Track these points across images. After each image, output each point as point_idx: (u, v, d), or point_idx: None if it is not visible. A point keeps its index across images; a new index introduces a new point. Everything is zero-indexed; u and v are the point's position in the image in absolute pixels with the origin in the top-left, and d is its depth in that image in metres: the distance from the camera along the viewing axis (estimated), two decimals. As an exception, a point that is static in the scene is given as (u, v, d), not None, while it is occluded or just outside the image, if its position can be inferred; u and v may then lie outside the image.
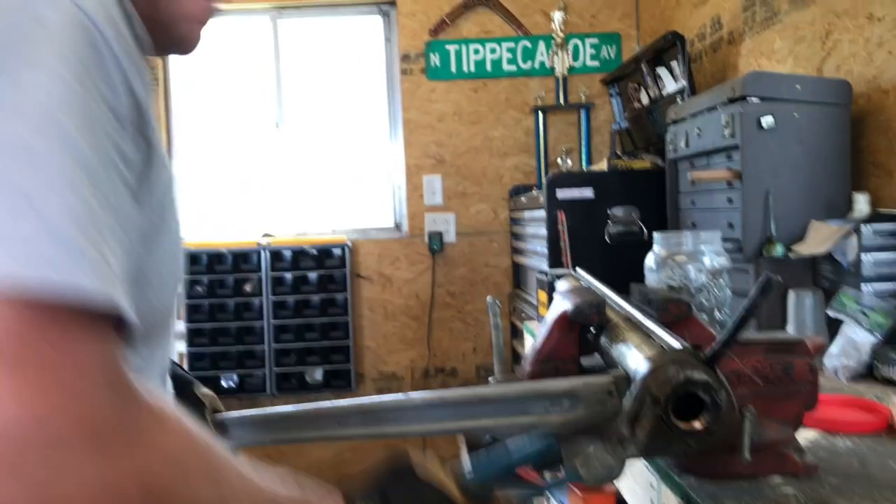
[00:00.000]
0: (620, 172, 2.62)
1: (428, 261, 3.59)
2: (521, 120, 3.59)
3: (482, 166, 3.60)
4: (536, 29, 3.58)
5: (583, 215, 2.54)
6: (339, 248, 3.50)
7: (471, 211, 3.60)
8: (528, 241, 3.12)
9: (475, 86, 3.60)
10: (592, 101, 3.56)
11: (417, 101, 3.59)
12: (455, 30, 3.59)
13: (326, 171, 3.79)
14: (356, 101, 3.77)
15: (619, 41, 3.59)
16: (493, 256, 3.60)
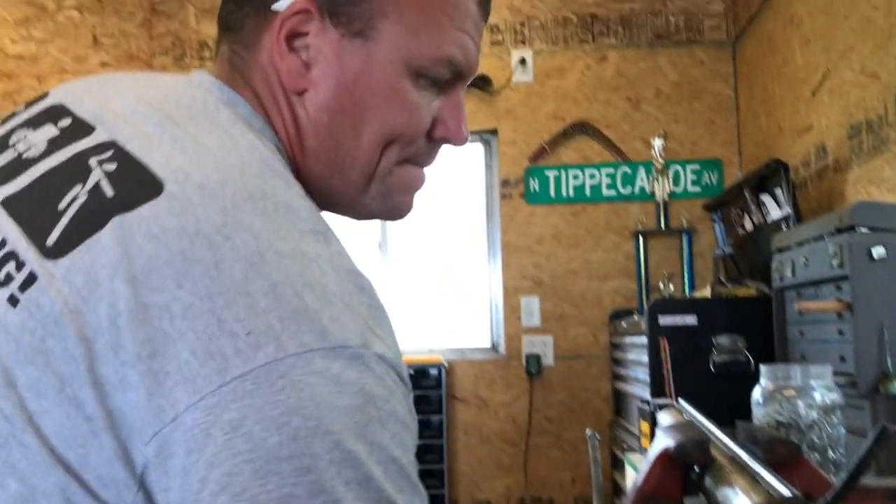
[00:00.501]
0: (725, 300, 2.57)
1: (525, 384, 3.55)
2: (621, 244, 3.59)
3: (581, 289, 3.58)
4: (636, 155, 3.61)
5: (686, 343, 2.48)
6: (435, 369, 3.51)
7: (569, 334, 3.56)
8: (628, 367, 3.05)
9: (574, 210, 3.63)
10: (694, 226, 3.53)
11: (516, 224, 3.65)
12: (554, 156, 3.66)
13: (425, 290, 3.85)
14: (456, 222, 3.86)
15: (720, 167, 3.58)
16: (593, 381, 3.53)
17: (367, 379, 0.53)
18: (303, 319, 0.53)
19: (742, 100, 3.54)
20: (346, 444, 0.51)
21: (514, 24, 3.72)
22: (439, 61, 0.70)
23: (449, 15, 0.70)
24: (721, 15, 3.64)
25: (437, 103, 0.73)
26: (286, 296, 0.53)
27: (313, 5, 0.67)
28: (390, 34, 0.68)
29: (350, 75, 0.68)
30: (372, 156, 0.71)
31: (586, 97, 3.67)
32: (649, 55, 3.66)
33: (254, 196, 0.58)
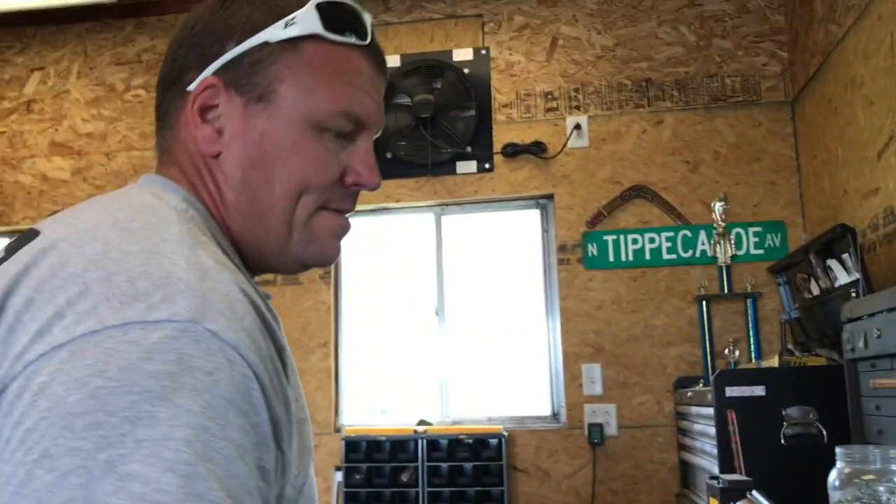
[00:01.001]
0: (794, 369, 2.48)
1: (588, 454, 3.46)
2: (684, 309, 3.51)
3: (644, 356, 3.51)
4: (696, 218, 3.56)
5: (754, 415, 2.40)
6: (494, 439, 3.45)
7: (633, 402, 3.48)
8: (695, 437, 2.96)
9: (634, 274, 3.58)
10: (759, 290, 3.44)
11: (575, 289, 3.61)
12: (612, 220, 3.63)
13: (483, 358, 3.81)
14: (513, 288, 3.84)
15: (783, 229, 3.50)
16: (658, 452, 3.43)
17: (190, 349, 0.57)
18: (129, 299, 0.58)
19: (803, 160, 3.48)
20: (145, 405, 0.53)
21: (568, 90, 3.74)
22: (336, 114, 0.79)
23: (340, 74, 0.80)
24: (778, 75, 3.61)
25: (346, 153, 0.82)
26: (118, 282, 0.59)
27: (219, 80, 0.78)
28: (288, 96, 0.78)
29: (256, 134, 0.78)
30: (286, 204, 0.79)
31: (643, 160, 3.64)
32: (706, 117, 3.64)
33: (118, 221, 0.67)
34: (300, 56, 0.79)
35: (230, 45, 0.79)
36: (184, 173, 0.81)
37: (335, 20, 0.80)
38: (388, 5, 3.95)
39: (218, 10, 0.81)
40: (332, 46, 0.80)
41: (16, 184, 4.05)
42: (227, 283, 0.64)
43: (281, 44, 0.78)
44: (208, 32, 0.80)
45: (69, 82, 4.12)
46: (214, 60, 0.79)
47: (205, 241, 0.69)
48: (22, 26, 4.18)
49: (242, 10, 0.80)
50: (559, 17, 3.82)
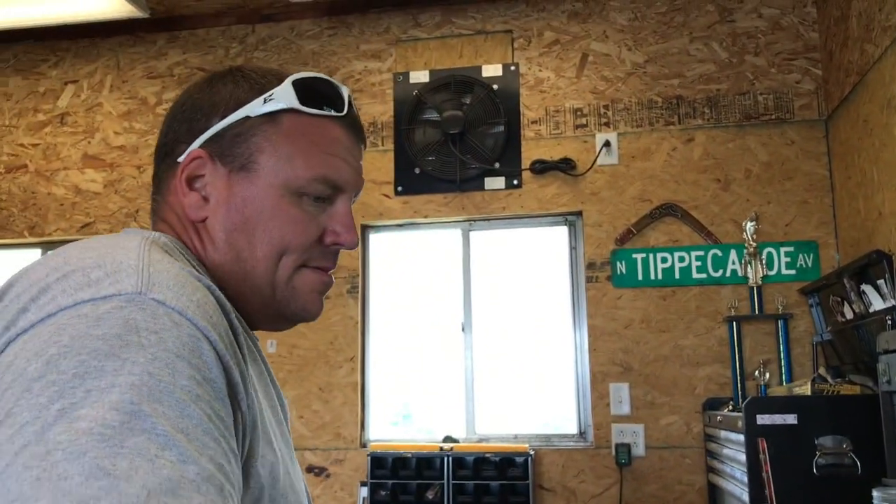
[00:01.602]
0: (827, 398, 2.45)
1: (615, 475, 3.43)
2: (714, 329, 3.48)
3: (672, 376, 3.48)
4: (727, 238, 3.52)
5: (786, 443, 2.37)
6: (521, 457, 3.43)
7: (661, 423, 3.45)
8: (725, 461, 2.93)
9: (664, 293, 3.55)
10: (790, 311, 3.40)
11: (603, 307, 3.58)
12: (641, 238, 3.60)
13: (510, 374, 3.80)
14: (540, 305, 3.82)
15: (816, 249, 3.46)
16: (686, 473, 3.39)
17: (136, 315, 0.62)
18: (83, 284, 0.64)
19: (837, 180, 3.43)
20: (93, 361, 0.58)
21: (598, 106, 3.72)
22: (313, 180, 0.86)
23: (316, 143, 0.87)
24: (812, 94, 3.56)
25: (325, 215, 0.88)
26: (74, 276, 0.66)
27: (205, 152, 0.86)
28: (268, 164, 0.85)
29: (239, 200, 0.85)
30: (268, 264, 0.85)
31: (673, 178, 3.61)
32: (738, 135, 3.60)
33: (83, 244, 0.73)
34: (278, 128, 0.86)
35: (215, 119, 0.86)
36: (173, 230, 0.88)
37: (311, 94, 0.88)
38: (418, 21, 3.95)
39: (205, 89, 0.89)
40: (308, 118, 0.87)
41: (49, 195, 4.10)
42: (179, 269, 0.70)
43: (261, 117, 0.86)
44: (196, 109, 0.88)
45: (102, 95, 4.17)
46: (201, 134, 0.86)
47: (164, 254, 0.75)
48: (56, 40, 4.23)
49: (227, 88, 0.88)
50: (589, 33, 3.80)
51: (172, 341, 0.61)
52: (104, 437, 0.54)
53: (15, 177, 4.15)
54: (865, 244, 3.04)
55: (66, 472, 0.52)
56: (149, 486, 0.52)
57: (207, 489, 0.55)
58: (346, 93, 0.91)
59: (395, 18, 3.98)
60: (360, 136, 0.93)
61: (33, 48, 4.28)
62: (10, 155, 4.18)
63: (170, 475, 0.54)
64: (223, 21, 4.10)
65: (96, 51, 4.22)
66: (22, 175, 4.15)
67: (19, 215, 4.11)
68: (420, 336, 3.93)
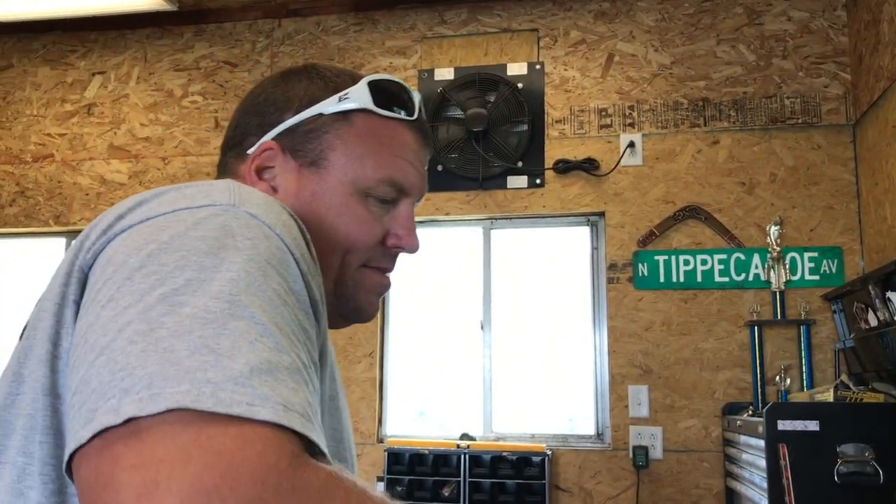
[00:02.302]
0: (849, 405, 2.43)
1: (632, 477, 3.42)
2: (735, 333, 3.46)
3: (692, 379, 3.46)
4: (750, 242, 3.50)
5: (807, 450, 2.35)
6: (538, 457, 3.43)
7: (679, 426, 3.43)
8: (743, 467, 2.91)
9: (685, 296, 3.53)
10: (812, 317, 3.38)
11: (624, 309, 3.57)
12: (664, 240, 3.58)
13: (528, 373, 3.80)
14: (560, 305, 3.82)
15: (840, 255, 3.43)
16: (704, 478, 3.38)
17: (231, 222, 0.64)
18: (178, 198, 0.68)
19: (863, 186, 3.40)
20: (192, 257, 0.60)
21: (623, 107, 3.71)
22: (381, 181, 0.88)
23: (386, 145, 0.88)
24: (840, 98, 3.53)
25: (388, 217, 0.90)
26: (169, 192, 0.69)
27: (276, 145, 0.88)
28: (338, 162, 0.87)
29: (307, 194, 0.87)
30: (332, 260, 0.86)
31: (697, 181, 3.60)
32: (763, 138, 3.57)
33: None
34: (351, 127, 0.88)
35: (288, 114, 0.89)
36: None
37: (385, 96, 0.89)
38: (444, 18, 3.95)
39: (280, 84, 0.92)
40: (380, 120, 0.89)
41: (75, 185, 4.14)
42: (266, 195, 0.72)
43: (334, 115, 0.88)
44: (269, 103, 0.90)
45: (129, 87, 4.20)
46: (273, 127, 0.88)
47: None
48: (85, 31, 4.27)
49: (301, 84, 0.90)
50: (616, 33, 3.78)
51: (264, 249, 0.63)
52: (207, 320, 0.56)
53: (42, 166, 4.19)
54: (891, 251, 3.01)
55: (171, 346, 0.54)
56: (251, 364, 0.54)
57: (297, 380, 0.57)
58: (418, 98, 0.92)
59: (421, 15, 3.98)
60: (427, 142, 0.95)
61: (62, 39, 4.31)
62: (37, 144, 4.22)
63: (269, 357, 0.56)
64: (250, 15, 4.12)
65: (124, 42, 4.25)
66: (48, 164, 4.19)
67: (45, 204, 4.15)
68: (439, 333, 3.94)
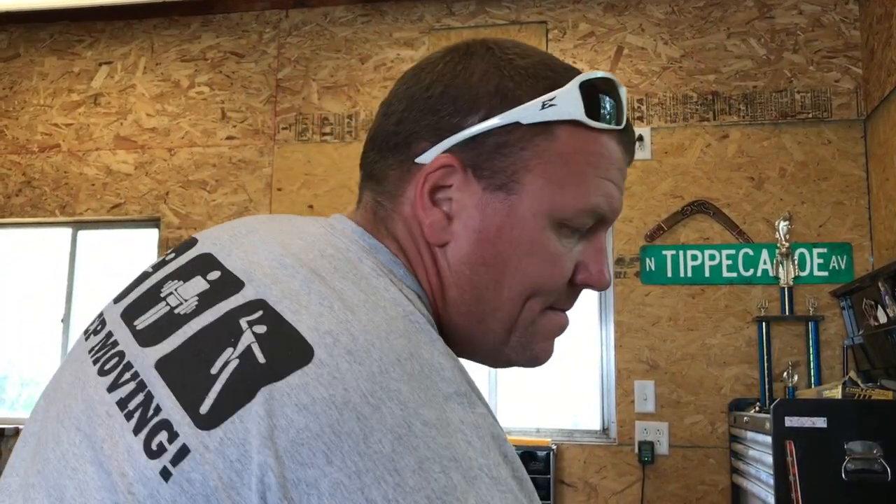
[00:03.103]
0: (858, 402, 2.41)
1: (638, 472, 3.41)
2: (742, 329, 3.43)
3: (699, 375, 3.44)
4: (759, 237, 3.47)
5: (814, 447, 2.33)
6: (543, 451, 3.42)
7: (685, 422, 3.42)
8: (750, 463, 2.89)
9: (693, 291, 3.51)
10: (821, 313, 3.35)
11: (631, 304, 3.55)
12: (672, 235, 3.56)
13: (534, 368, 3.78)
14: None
15: (850, 251, 3.40)
16: (710, 474, 3.36)
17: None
18: (450, 499, 0.52)
19: (874, 181, 3.37)
20: None
21: (632, 100, 3.68)
22: (583, 212, 0.69)
23: (594, 165, 0.69)
24: (851, 93, 3.50)
25: (579, 248, 0.72)
26: (433, 473, 0.53)
27: (457, 161, 0.68)
28: (533, 187, 0.68)
29: (493, 229, 0.68)
30: (514, 308, 0.71)
31: (706, 175, 3.57)
32: (773, 133, 3.55)
33: (400, 358, 0.57)
34: (553, 143, 0.68)
35: (473, 118, 0.68)
36: (402, 250, 0.72)
37: (597, 103, 0.69)
38: (452, 10, 3.93)
39: (460, 72, 0.70)
40: (588, 133, 0.69)
41: (81, 175, 4.13)
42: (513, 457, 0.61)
43: (533, 127, 0.68)
44: (447, 98, 0.70)
45: (135, 77, 4.19)
46: (452, 133, 0.69)
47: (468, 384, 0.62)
48: (92, 21, 4.26)
49: (492, 79, 0.69)
50: (625, 25, 3.76)
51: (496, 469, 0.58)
52: None
53: (48, 156, 4.19)
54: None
55: None
56: None
57: None
58: (626, 98, 0.73)
59: (429, 7, 3.95)
60: (632, 152, 0.75)
61: (69, 28, 4.31)
62: (44, 134, 4.22)
63: None
64: (257, 6, 4.10)
65: (131, 32, 4.24)
66: (55, 154, 4.18)
67: (51, 194, 4.14)
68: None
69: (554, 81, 0.69)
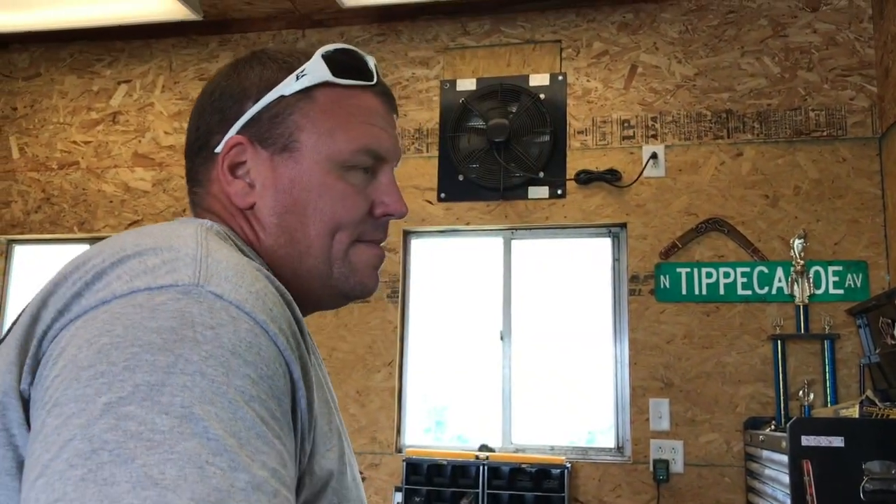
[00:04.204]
0: (875, 421, 2.39)
1: (652, 491, 3.39)
2: (757, 347, 3.42)
3: (714, 393, 3.43)
4: (773, 255, 3.47)
5: (831, 466, 2.32)
6: (557, 469, 3.41)
7: (700, 440, 3.40)
8: (766, 482, 2.88)
9: (707, 309, 3.50)
10: (837, 331, 3.34)
11: (645, 321, 3.55)
12: (686, 252, 3.56)
13: (548, 385, 3.78)
14: (581, 316, 3.80)
15: (865, 269, 3.39)
16: (725, 493, 3.34)
17: (192, 308, 0.60)
18: (138, 271, 0.63)
19: (889, 199, 3.36)
20: (145, 355, 0.56)
21: (646, 118, 3.69)
22: (356, 152, 0.85)
23: (353, 114, 0.86)
24: (866, 110, 3.50)
25: (371, 188, 0.87)
26: (129, 261, 0.64)
27: (244, 138, 0.84)
28: (309, 142, 0.84)
29: (286, 182, 0.84)
30: (323, 242, 0.84)
31: (720, 193, 3.57)
32: (788, 151, 3.55)
33: (138, 230, 0.71)
34: (314, 103, 0.85)
35: (248, 103, 0.85)
36: (221, 219, 0.86)
37: (341, 66, 0.86)
38: (467, 29, 3.96)
39: (232, 76, 0.87)
40: (342, 90, 0.86)
41: (99, 192, 4.18)
42: (238, 258, 0.68)
43: (296, 95, 0.84)
44: (226, 96, 0.86)
45: (154, 95, 4.24)
46: (235, 121, 0.85)
47: (222, 243, 0.72)
48: (111, 40, 4.31)
49: (254, 71, 0.86)
50: (639, 44, 3.77)
51: (228, 337, 0.59)
52: (153, 442, 0.52)
53: (67, 173, 4.23)
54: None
55: (112, 476, 0.51)
56: (196, 497, 0.51)
57: (258, 498, 0.54)
58: (373, 62, 0.90)
59: (444, 26, 3.99)
60: (392, 104, 0.92)
61: (89, 48, 4.36)
62: (63, 152, 4.27)
63: (218, 485, 0.52)
64: (274, 25, 4.15)
65: (150, 51, 4.29)
66: (74, 172, 4.23)
67: (70, 211, 4.19)
68: (458, 343, 3.93)
69: (303, 60, 0.86)
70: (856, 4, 3.58)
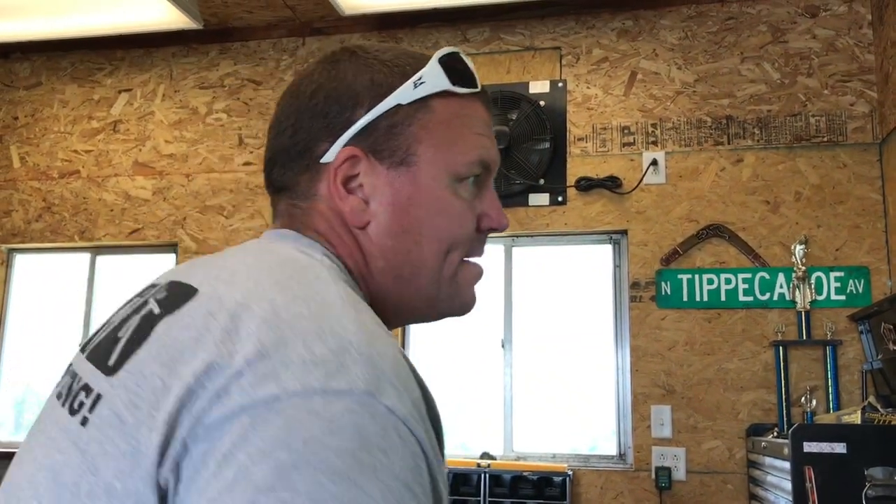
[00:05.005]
0: (878, 427, 2.38)
1: (654, 499, 3.38)
2: (759, 353, 3.41)
3: (716, 400, 3.42)
4: (775, 261, 3.46)
5: (834, 472, 2.31)
6: (559, 477, 3.40)
7: (702, 447, 3.39)
8: (769, 489, 2.87)
9: (709, 315, 3.50)
10: (839, 337, 3.33)
11: (646, 328, 3.54)
12: (687, 259, 3.56)
13: (550, 392, 3.77)
14: (582, 323, 3.79)
15: (867, 275, 3.38)
16: (727, 500, 3.32)
17: (368, 426, 0.55)
18: (308, 363, 0.57)
19: (890, 204, 3.36)
20: (330, 486, 0.52)
21: (646, 125, 3.69)
22: (472, 163, 0.81)
23: (468, 125, 0.81)
24: (866, 116, 3.50)
25: (477, 200, 0.83)
26: (294, 345, 0.58)
27: (358, 150, 0.78)
28: (426, 155, 0.79)
29: (404, 198, 0.78)
30: (436, 262, 0.79)
31: (721, 199, 3.57)
32: (788, 157, 3.54)
33: (279, 281, 0.65)
34: (433, 114, 0.79)
35: (360, 111, 0.78)
36: (326, 238, 0.80)
37: (457, 73, 0.81)
38: (467, 36, 3.97)
39: (333, 77, 0.81)
40: (458, 99, 0.81)
41: (100, 201, 4.18)
42: (393, 349, 0.64)
43: (413, 104, 0.79)
44: (332, 100, 0.79)
45: (154, 104, 4.24)
46: (345, 129, 0.78)
47: (361, 302, 0.69)
48: (112, 49, 4.32)
49: (364, 75, 0.80)
50: (639, 51, 3.78)
51: (400, 465, 0.56)
52: None
53: (68, 182, 4.24)
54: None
55: None
56: None
57: None
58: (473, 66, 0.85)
59: (443, 34, 3.99)
60: (491, 111, 0.87)
61: (89, 57, 4.37)
62: (64, 160, 4.27)
63: None
64: (274, 33, 4.16)
65: (150, 60, 4.30)
66: (74, 181, 4.23)
67: (70, 220, 4.19)
68: (460, 351, 3.92)
69: (416, 64, 0.80)
70: (855, 10, 3.59)
